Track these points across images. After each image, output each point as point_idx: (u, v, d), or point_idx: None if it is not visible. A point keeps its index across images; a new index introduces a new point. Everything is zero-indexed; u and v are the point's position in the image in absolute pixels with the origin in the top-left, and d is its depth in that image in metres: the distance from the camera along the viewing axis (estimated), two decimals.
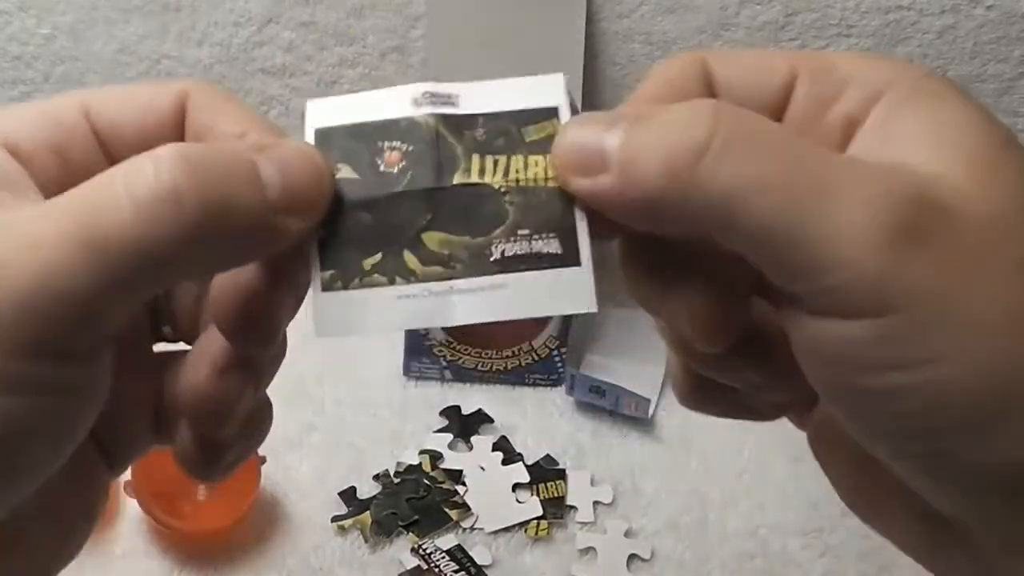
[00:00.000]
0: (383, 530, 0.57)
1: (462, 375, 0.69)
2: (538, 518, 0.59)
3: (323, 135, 0.27)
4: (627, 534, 0.58)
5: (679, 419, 0.65)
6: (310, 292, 0.26)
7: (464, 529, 0.58)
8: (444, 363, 0.69)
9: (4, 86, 0.71)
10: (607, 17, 0.73)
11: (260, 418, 0.30)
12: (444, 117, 0.28)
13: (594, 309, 0.27)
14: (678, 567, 0.56)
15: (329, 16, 0.71)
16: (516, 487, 0.61)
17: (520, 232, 0.27)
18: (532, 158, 0.28)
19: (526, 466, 0.62)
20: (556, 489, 0.60)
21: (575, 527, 0.59)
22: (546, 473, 0.62)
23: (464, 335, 0.67)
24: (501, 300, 0.27)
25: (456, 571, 0.55)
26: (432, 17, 0.71)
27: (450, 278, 0.26)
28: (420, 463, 0.61)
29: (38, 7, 0.69)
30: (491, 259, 0.26)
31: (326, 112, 0.28)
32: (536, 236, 0.27)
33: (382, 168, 0.27)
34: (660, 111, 0.25)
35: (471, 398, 0.68)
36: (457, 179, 0.27)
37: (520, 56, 0.71)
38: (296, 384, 0.68)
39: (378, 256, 0.26)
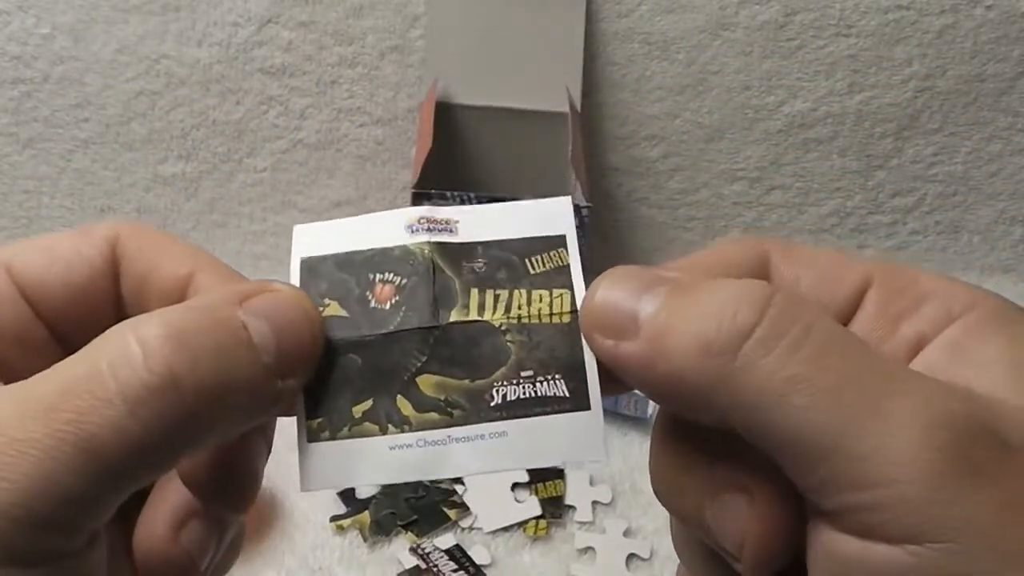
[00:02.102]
0: (382, 530, 0.57)
1: None
2: (537, 518, 0.59)
3: (309, 266, 0.25)
4: (626, 533, 0.58)
5: None
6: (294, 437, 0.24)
7: (463, 529, 0.58)
8: None
9: (4, 86, 0.71)
10: (606, 17, 0.73)
11: (233, 546, 0.27)
12: (441, 245, 0.25)
13: (604, 458, 0.24)
14: (677, 566, 0.56)
15: (328, 16, 0.71)
16: (515, 487, 0.61)
17: (523, 374, 0.24)
18: (536, 292, 0.25)
19: None
20: (555, 489, 0.60)
21: (574, 527, 0.59)
22: (545, 473, 0.62)
23: None
24: (503, 450, 0.24)
25: (455, 570, 0.55)
26: (431, 17, 0.71)
27: (447, 426, 0.24)
28: None
29: (38, 7, 0.69)
30: (492, 404, 0.24)
31: (313, 239, 0.26)
32: (541, 378, 0.24)
33: (373, 304, 0.25)
34: (705, 284, 0.23)
35: None
36: (454, 316, 0.24)
37: (520, 56, 0.71)
38: None
39: (369, 402, 0.24)
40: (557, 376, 0.24)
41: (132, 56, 0.71)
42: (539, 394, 0.24)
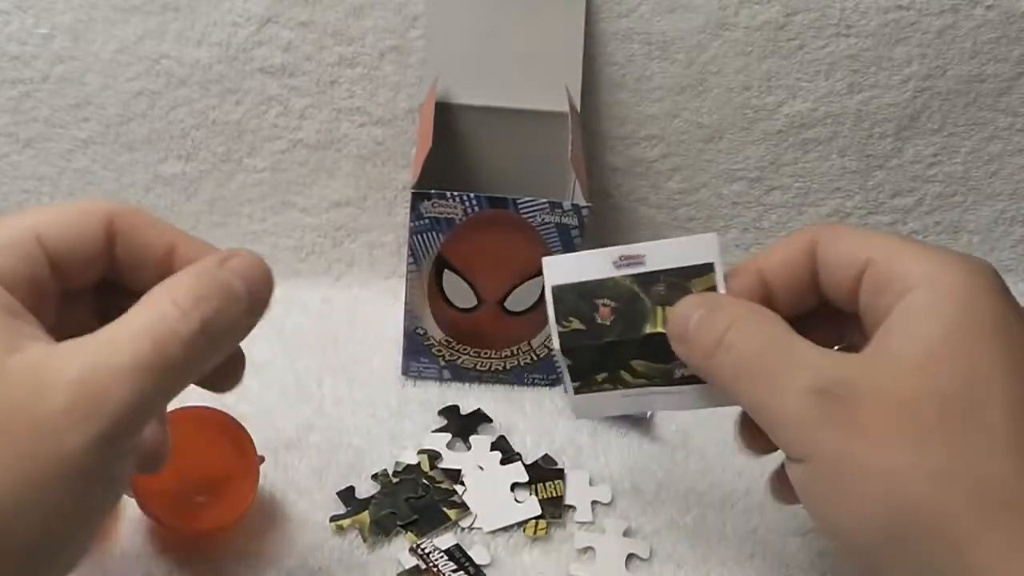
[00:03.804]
0: (381, 530, 0.57)
1: (461, 375, 0.69)
2: (537, 518, 0.59)
3: (558, 291, 0.41)
4: (626, 534, 0.58)
5: (678, 419, 0.65)
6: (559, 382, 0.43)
7: (463, 529, 0.58)
8: (443, 363, 0.69)
9: (3, 86, 0.71)
10: (606, 17, 0.73)
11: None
12: (636, 276, 0.40)
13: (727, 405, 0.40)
14: (677, 567, 0.56)
15: (328, 16, 0.71)
16: (515, 487, 0.61)
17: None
18: None
19: (525, 466, 0.62)
20: (555, 489, 0.60)
21: (574, 527, 0.59)
22: (545, 473, 0.62)
23: (463, 335, 0.67)
24: (680, 399, 0.41)
25: (455, 571, 0.55)
26: (431, 17, 0.71)
27: (651, 386, 0.41)
28: (419, 463, 0.61)
29: (37, 6, 0.69)
30: (675, 376, 0.41)
31: (557, 271, 0.42)
32: None
33: (598, 320, 0.40)
34: (717, 307, 0.37)
35: (470, 398, 0.68)
36: (648, 329, 0.40)
37: (520, 56, 0.71)
38: (295, 384, 0.68)
39: (604, 374, 0.41)
40: None
41: (132, 56, 0.71)
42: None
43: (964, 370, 0.31)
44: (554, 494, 0.60)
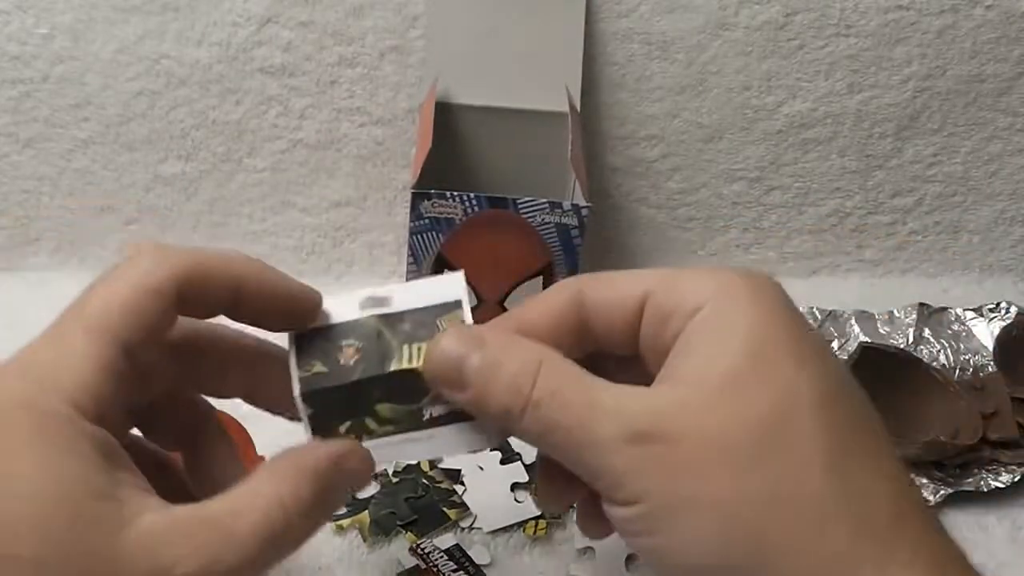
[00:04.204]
0: (381, 530, 0.57)
1: None
2: (537, 518, 0.59)
3: (299, 337, 0.38)
4: None
5: None
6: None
7: (462, 528, 0.58)
8: None
9: (3, 86, 0.71)
10: (606, 17, 0.73)
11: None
12: (382, 316, 0.37)
13: (490, 447, 0.38)
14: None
15: (328, 16, 0.71)
16: (515, 487, 0.61)
17: (439, 401, 0.36)
18: None
19: (524, 466, 0.62)
20: None
21: (574, 527, 0.59)
22: None
23: None
24: (433, 446, 0.37)
25: (455, 570, 0.55)
26: (431, 17, 0.71)
27: (398, 433, 0.37)
28: (418, 463, 0.61)
29: (37, 6, 0.69)
30: (424, 418, 0.37)
31: None
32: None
33: (342, 362, 0.37)
34: (504, 355, 0.34)
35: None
36: (394, 367, 0.36)
37: (519, 56, 0.71)
38: None
39: (348, 423, 0.37)
40: None
41: (132, 56, 0.71)
42: (452, 410, 0.36)
43: (770, 392, 0.31)
44: None
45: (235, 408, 0.55)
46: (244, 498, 0.31)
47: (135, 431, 0.37)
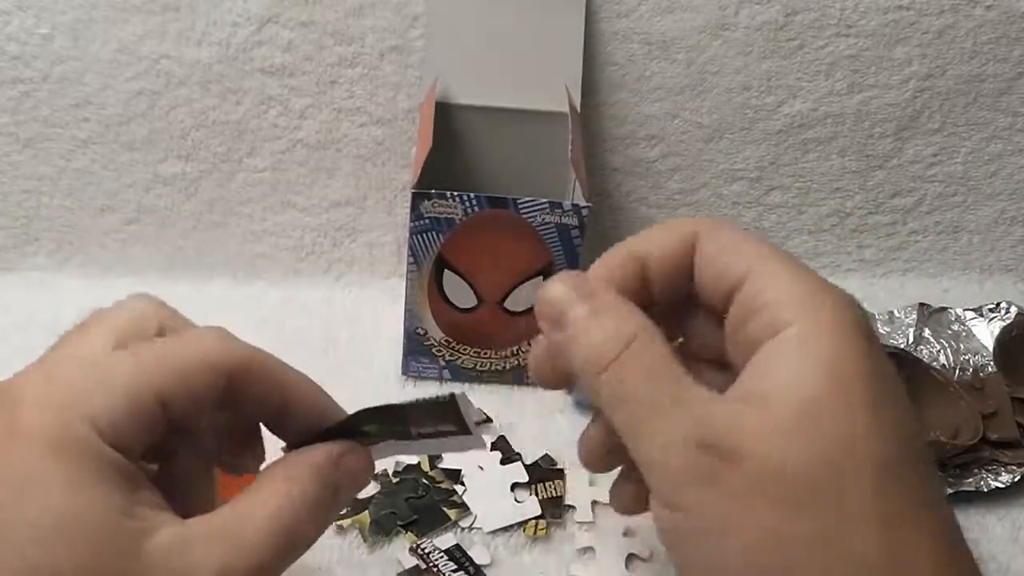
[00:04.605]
0: (381, 530, 0.57)
1: (461, 375, 0.69)
2: (537, 518, 0.59)
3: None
4: (626, 533, 0.58)
5: None
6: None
7: (463, 529, 0.58)
8: (443, 363, 0.69)
9: (3, 86, 0.71)
10: (606, 17, 0.73)
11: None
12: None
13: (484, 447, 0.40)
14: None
15: (328, 16, 0.71)
16: (515, 487, 0.61)
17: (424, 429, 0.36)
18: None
19: (525, 466, 0.62)
20: (555, 489, 0.60)
21: (574, 527, 0.59)
22: (545, 473, 0.62)
23: (463, 335, 0.67)
24: (427, 447, 0.37)
25: (455, 571, 0.55)
26: (432, 17, 0.71)
27: (390, 438, 0.37)
28: (419, 463, 0.61)
29: (37, 6, 0.69)
30: (413, 435, 0.36)
31: None
32: (438, 427, 0.36)
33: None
34: (606, 315, 0.34)
35: (469, 398, 0.68)
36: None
37: (519, 56, 0.71)
38: None
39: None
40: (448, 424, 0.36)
41: (132, 56, 0.71)
42: (440, 430, 0.36)
43: (838, 431, 0.31)
44: (554, 494, 0.60)
45: None
46: (252, 503, 0.32)
47: None
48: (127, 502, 0.30)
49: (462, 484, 0.60)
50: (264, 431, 0.38)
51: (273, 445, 0.38)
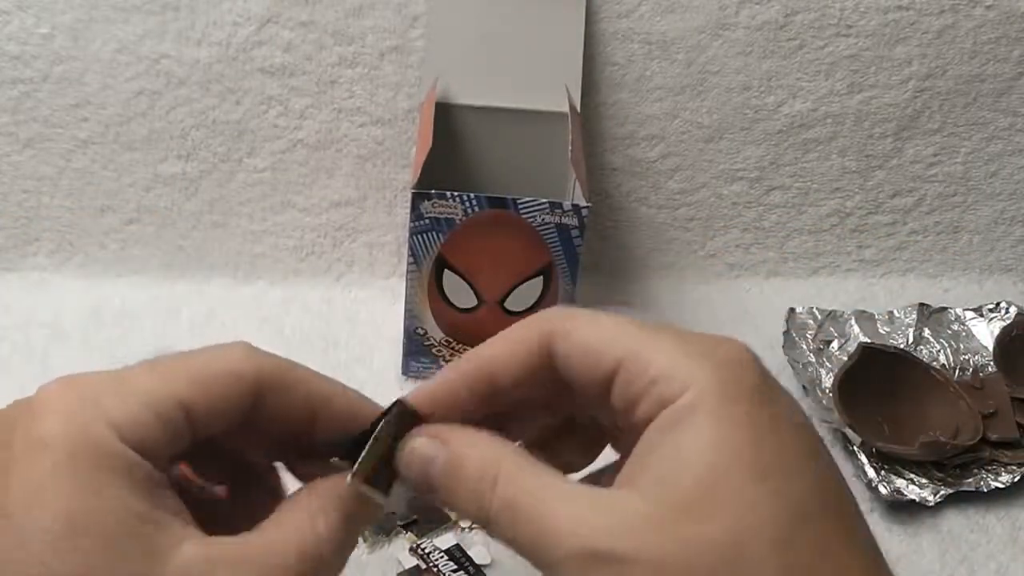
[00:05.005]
0: (382, 530, 0.57)
1: None
2: None
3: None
4: None
5: None
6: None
7: (463, 529, 0.58)
8: (443, 363, 0.69)
9: (3, 85, 0.71)
10: (606, 17, 0.73)
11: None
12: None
13: None
14: None
15: (328, 16, 0.71)
16: None
17: None
18: None
19: None
20: None
21: None
22: None
23: (463, 335, 0.67)
24: None
25: (455, 571, 0.55)
26: (432, 17, 0.71)
27: None
28: None
29: (37, 6, 0.69)
30: None
31: None
32: None
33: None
34: (470, 458, 0.33)
35: None
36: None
37: (519, 56, 0.71)
38: None
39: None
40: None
41: (132, 56, 0.71)
42: None
43: (729, 518, 0.29)
44: None
45: None
46: (280, 533, 0.32)
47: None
48: (147, 506, 0.29)
49: None
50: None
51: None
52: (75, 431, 0.29)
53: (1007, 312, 0.76)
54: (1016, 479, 0.63)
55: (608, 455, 0.37)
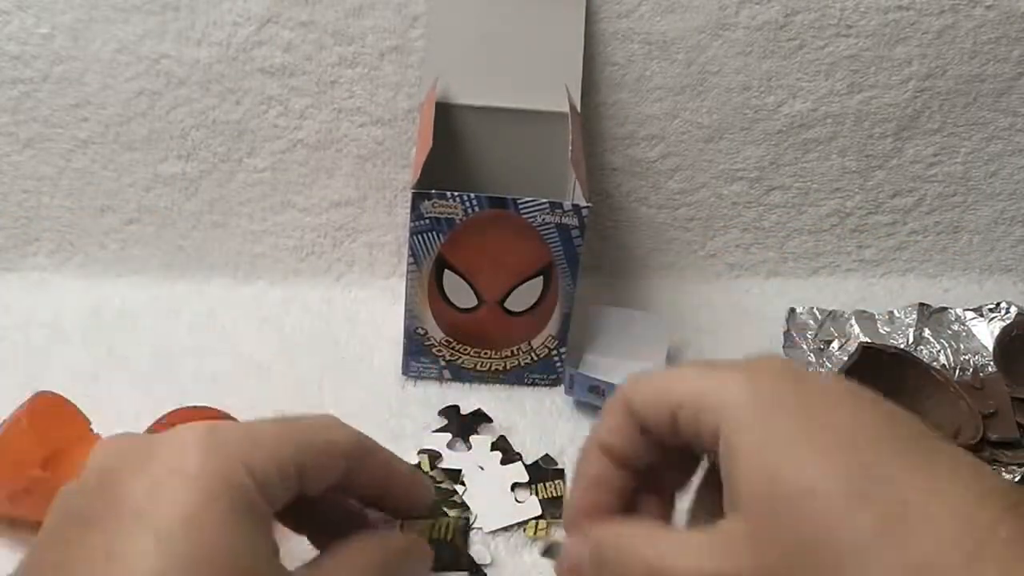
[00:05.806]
0: None
1: (461, 375, 0.69)
2: (537, 518, 0.59)
3: None
4: None
5: None
6: None
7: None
8: (443, 363, 0.69)
9: (3, 85, 0.71)
10: (606, 17, 0.73)
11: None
12: None
13: None
14: None
15: (328, 16, 0.71)
16: (515, 487, 0.61)
17: None
18: None
19: (525, 466, 0.62)
20: (555, 489, 0.60)
21: None
22: (545, 473, 0.62)
23: (463, 335, 0.67)
24: None
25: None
26: (432, 17, 0.71)
27: None
28: (419, 462, 0.61)
29: (37, 6, 0.69)
30: None
31: None
32: None
33: None
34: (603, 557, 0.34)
35: (470, 398, 0.68)
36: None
37: (520, 56, 0.71)
38: (296, 384, 0.68)
39: None
40: None
41: (132, 56, 0.71)
42: None
43: (782, 548, 0.30)
44: (554, 494, 0.60)
45: (236, 409, 0.55)
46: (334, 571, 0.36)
47: None
48: (272, 550, 0.33)
49: (462, 484, 0.60)
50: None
51: None
52: (221, 471, 0.32)
53: (1007, 312, 0.76)
54: (1016, 479, 0.63)
55: None
